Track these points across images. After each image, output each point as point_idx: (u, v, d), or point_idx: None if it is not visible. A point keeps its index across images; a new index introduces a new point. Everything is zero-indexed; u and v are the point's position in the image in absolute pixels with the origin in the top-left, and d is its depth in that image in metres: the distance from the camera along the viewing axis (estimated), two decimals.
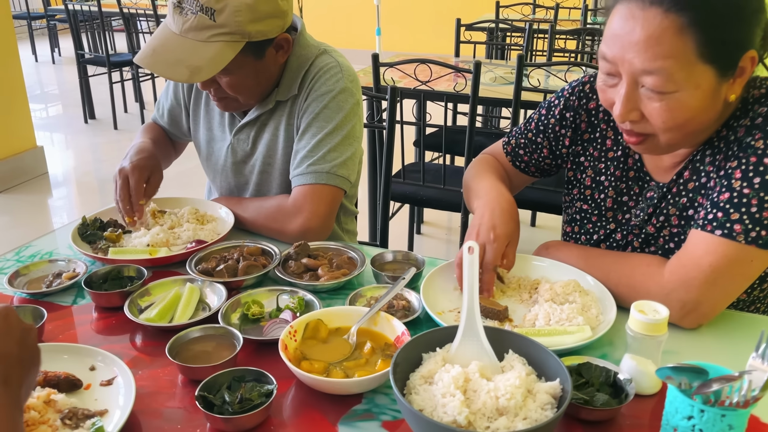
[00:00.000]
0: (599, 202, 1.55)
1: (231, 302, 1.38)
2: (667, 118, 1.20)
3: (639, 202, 1.49)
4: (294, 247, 1.57)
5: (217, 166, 1.94)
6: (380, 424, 1.10)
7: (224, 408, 1.07)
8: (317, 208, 1.68)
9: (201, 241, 1.65)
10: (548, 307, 1.32)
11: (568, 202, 1.66)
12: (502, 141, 1.75)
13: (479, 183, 1.59)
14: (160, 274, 1.55)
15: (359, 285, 1.52)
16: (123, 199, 1.71)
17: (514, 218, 1.47)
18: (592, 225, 1.57)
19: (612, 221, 1.53)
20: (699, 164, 1.37)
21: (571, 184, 1.63)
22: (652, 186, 1.46)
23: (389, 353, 1.20)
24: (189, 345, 1.25)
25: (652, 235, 1.45)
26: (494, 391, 0.98)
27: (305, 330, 1.26)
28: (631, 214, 1.49)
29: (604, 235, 1.54)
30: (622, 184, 1.50)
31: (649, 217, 1.46)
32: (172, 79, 1.59)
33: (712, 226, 1.27)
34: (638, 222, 1.48)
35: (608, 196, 1.53)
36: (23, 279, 1.51)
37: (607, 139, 1.55)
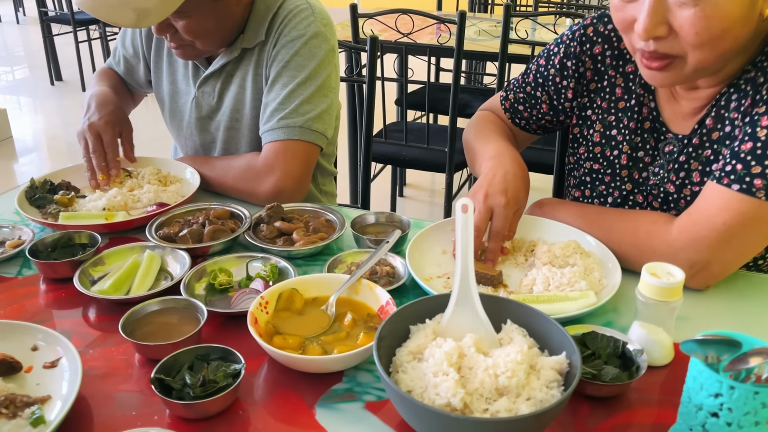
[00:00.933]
0: (612, 159, 1.39)
1: (195, 271, 1.24)
2: (702, 27, 1.04)
3: (656, 157, 1.33)
4: (266, 210, 1.43)
5: (182, 123, 1.77)
6: (363, 406, 0.97)
7: (184, 392, 0.94)
8: (290, 167, 1.53)
9: (163, 204, 1.49)
10: (547, 270, 1.19)
11: (574, 164, 1.50)
12: (500, 96, 1.59)
13: (486, 143, 1.44)
14: (118, 241, 1.40)
15: (338, 250, 1.38)
16: (100, 155, 1.57)
17: (527, 185, 1.32)
18: (605, 186, 1.40)
19: (628, 181, 1.37)
20: (723, 110, 1.20)
21: (577, 142, 1.47)
22: (670, 139, 1.30)
23: (373, 325, 1.07)
24: (147, 320, 1.10)
25: (672, 195, 1.30)
26: (493, 368, 0.86)
27: (278, 301, 1.12)
28: (648, 172, 1.34)
29: (620, 197, 1.39)
30: (637, 138, 1.34)
31: (669, 175, 1.29)
32: (117, 25, 1.41)
33: (730, 179, 1.14)
34: (657, 181, 1.32)
35: (622, 152, 1.37)
36: None
37: (616, 87, 1.38)
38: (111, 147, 1.60)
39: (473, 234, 0.93)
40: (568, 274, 1.17)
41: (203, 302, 1.17)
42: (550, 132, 1.59)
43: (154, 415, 0.95)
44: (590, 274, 1.21)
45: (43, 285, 1.27)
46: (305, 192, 1.59)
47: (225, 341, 1.09)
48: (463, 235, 0.93)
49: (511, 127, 1.59)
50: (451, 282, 1.25)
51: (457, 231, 0.93)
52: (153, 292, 1.18)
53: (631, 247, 1.24)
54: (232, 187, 1.58)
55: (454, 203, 3.42)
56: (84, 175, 1.63)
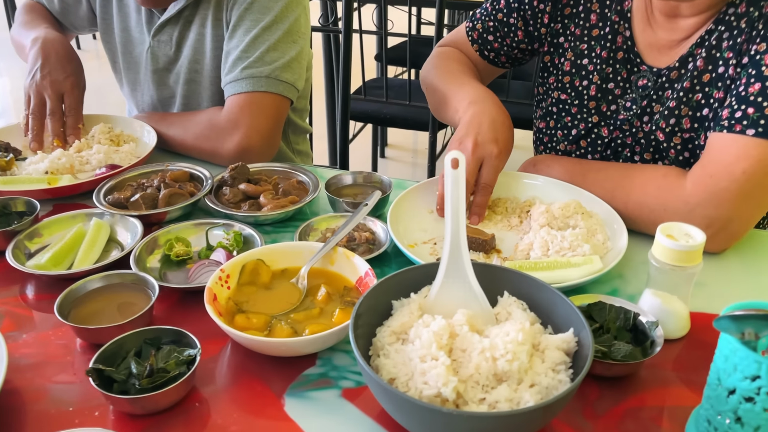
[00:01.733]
0: (581, 90, 1.29)
1: (147, 241, 1.09)
2: None
3: (628, 91, 1.23)
4: (229, 170, 1.27)
5: (137, 77, 1.60)
6: (339, 393, 0.84)
7: (129, 384, 0.80)
8: (257, 122, 1.36)
9: (114, 166, 1.33)
10: (545, 233, 1.06)
11: (543, 94, 1.39)
12: (465, 26, 1.44)
13: (459, 86, 1.29)
14: (62, 208, 1.24)
15: (312, 215, 1.24)
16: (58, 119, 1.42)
17: (513, 135, 1.20)
18: (571, 118, 1.32)
19: (595, 113, 1.27)
20: (715, 50, 1.11)
21: (547, 71, 1.35)
22: (644, 72, 1.21)
23: (350, 300, 0.94)
24: (89, 299, 0.96)
25: (662, 143, 1.19)
26: (490, 351, 0.73)
27: (241, 274, 0.98)
28: (618, 106, 1.25)
29: (585, 130, 1.30)
30: (608, 68, 1.25)
31: (642, 111, 1.21)
32: None
33: (743, 125, 1.02)
34: (628, 116, 1.23)
35: (592, 83, 1.27)
36: None
37: (591, 13, 1.26)
38: (74, 111, 1.43)
39: (465, 192, 0.79)
40: (569, 237, 1.04)
41: (157, 277, 1.03)
42: (518, 64, 1.46)
43: (95, 411, 0.81)
44: (593, 237, 1.08)
45: None
46: (275, 150, 1.43)
47: (181, 322, 0.96)
48: (453, 194, 0.79)
49: (477, 62, 1.46)
50: (438, 249, 1.11)
51: (447, 189, 0.79)
52: (99, 265, 1.04)
53: (638, 206, 1.12)
54: (192, 146, 1.41)
55: (439, 162, 3.27)
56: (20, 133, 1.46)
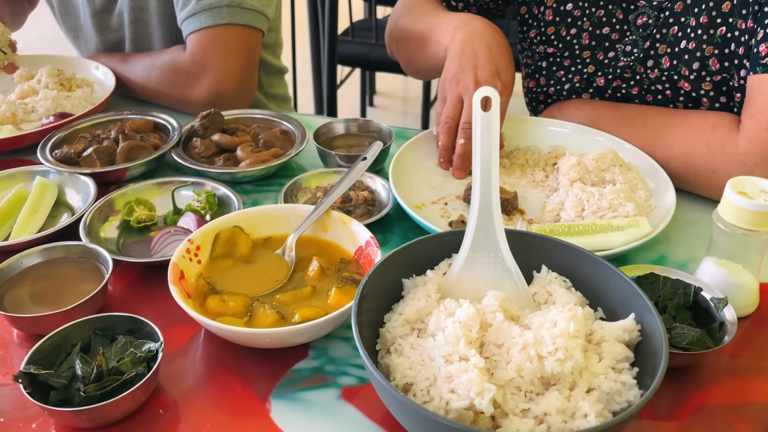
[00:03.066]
0: (569, 40, 1.11)
1: (101, 205, 0.90)
2: None
3: (627, 33, 1.06)
4: (200, 119, 1.08)
5: (77, 22, 1.37)
6: (338, 394, 0.68)
7: (73, 389, 0.63)
8: (226, 62, 1.16)
9: (65, 115, 1.13)
10: (579, 190, 0.89)
11: (527, 50, 1.21)
12: None
13: (435, 18, 1.09)
14: (1, 165, 1.05)
15: (298, 171, 1.06)
16: None
17: (512, 58, 1.02)
18: (564, 71, 1.14)
19: (590, 62, 1.10)
20: None
21: (526, 24, 1.17)
22: (642, 8, 1.04)
23: (348, 276, 0.77)
24: (28, 277, 0.78)
25: (691, 93, 1.01)
26: (534, 347, 0.57)
27: (214, 244, 0.80)
28: (617, 52, 1.08)
29: (579, 82, 1.13)
30: (599, 11, 1.08)
31: (645, 55, 1.04)
32: None
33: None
34: (629, 62, 1.06)
35: (583, 30, 1.09)
36: None
37: None
38: None
39: (498, 140, 0.61)
40: (608, 195, 0.87)
41: (114, 249, 0.85)
42: (492, 16, 1.25)
43: (32, 423, 0.65)
44: (633, 194, 0.91)
45: None
46: (252, 94, 1.23)
47: (141, 305, 0.79)
48: (484, 143, 0.60)
49: None
50: (450, 210, 0.94)
51: (476, 136, 0.61)
52: (42, 235, 0.85)
53: (683, 165, 0.95)
54: (157, 92, 1.21)
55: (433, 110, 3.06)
56: None
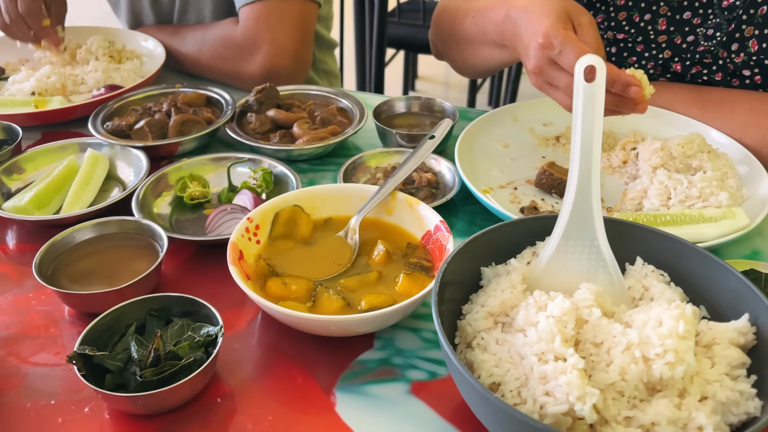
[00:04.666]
0: (643, 26, 1.02)
1: (154, 179, 0.86)
2: None
3: (710, 17, 0.96)
4: (255, 93, 1.03)
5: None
6: (408, 389, 0.63)
7: (128, 374, 0.59)
8: (281, 36, 1.11)
9: (115, 87, 1.09)
10: (664, 177, 0.82)
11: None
12: None
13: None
14: (53, 136, 1.02)
15: (356, 150, 1.00)
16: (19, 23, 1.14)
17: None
18: (637, 57, 1.06)
19: (666, 47, 1.02)
20: None
21: (594, 9, 1.07)
22: None
23: (416, 262, 0.71)
24: (80, 253, 0.74)
25: None
26: (639, 347, 0.50)
27: (274, 224, 0.76)
28: (697, 36, 0.99)
29: (654, 68, 1.05)
30: None
31: (729, 38, 0.95)
32: None
33: None
34: (711, 46, 0.97)
35: (659, 16, 1.00)
36: None
37: None
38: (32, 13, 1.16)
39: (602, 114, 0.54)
40: (698, 183, 0.80)
41: (167, 225, 0.81)
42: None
43: (84, 407, 0.61)
44: (724, 183, 0.84)
45: None
46: (307, 69, 1.18)
47: (195, 285, 0.75)
48: (587, 117, 0.54)
49: None
50: (521, 195, 0.88)
51: (577, 110, 0.54)
52: (93, 209, 0.82)
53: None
54: (208, 66, 1.17)
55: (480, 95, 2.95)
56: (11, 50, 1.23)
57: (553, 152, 0.98)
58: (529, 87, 0.94)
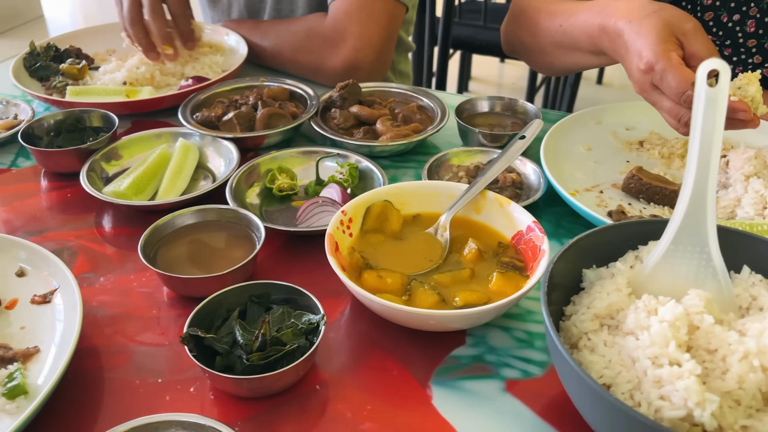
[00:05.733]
0: (731, 27, 0.99)
1: (246, 171, 0.88)
2: None
3: None
4: (338, 89, 1.05)
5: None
6: (503, 386, 0.63)
7: (234, 356, 0.61)
8: (368, 32, 1.12)
9: (201, 78, 1.13)
10: (760, 186, 0.80)
11: None
12: None
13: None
14: (142, 125, 1.06)
15: (434, 149, 1.01)
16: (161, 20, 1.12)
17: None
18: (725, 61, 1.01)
19: (757, 52, 0.99)
20: None
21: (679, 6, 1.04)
22: None
23: (508, 261, 0.72)
24: (179, 238, 0.77)
25: None
26: (758, 356, 0.50)
27: (365, 218, 0.77)
28: None
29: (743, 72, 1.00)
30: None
31: None
32: None
33: None
34: None
35: (748, 17, 0.97)
36: None
37: None
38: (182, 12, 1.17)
39: (723, 120, 0.54)
40: None
41: (258, 214, 0.83)
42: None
43: (190, 386, 0.63)
44: None
45: (43, 181, 0.95)
46: (387, 68, 1.20)
47: (288, 275, 0.76)
48: (707, 123, 0.54)
49: None
50: (607, 199, 0.87)
51: (697, 115, 0.54)
52: (188, 197, 0.84)
53: None
54: (290, 59, 1.19)
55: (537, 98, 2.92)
56: (99, 40, 1.27)
57: (637, 157, 0.97)
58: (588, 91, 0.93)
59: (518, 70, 3.90)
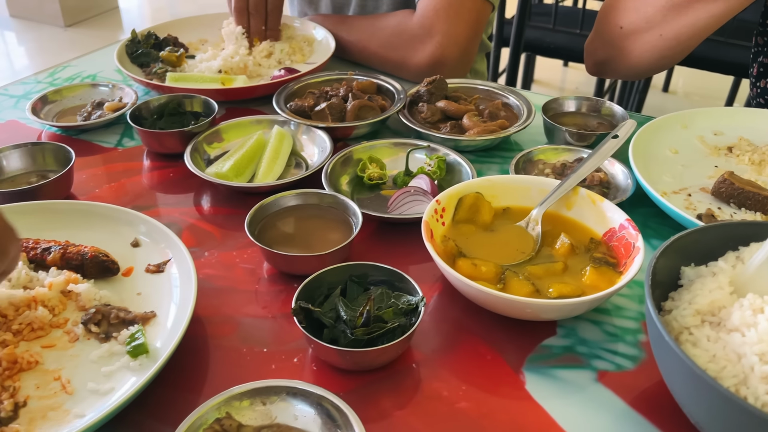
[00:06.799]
0: None
1: (340, 159, 0.92)
2: None
3: None
4: (425, 84, 1.08)
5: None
6: (594, 377, 0.65)
7: (338, 330, 0.64)
8: (455, 30, 1.15)
9: (292, 70, 1.17)
10: None
11: (762, 45, 1.06)
12: None
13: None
14: (234, 112, 1.11)
15: (517, 147, 1.03)
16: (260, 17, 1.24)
17: None
18: None
19: None
20: None
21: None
22: None
23: (601, 257, 0.73)
24: (277, 219, 0.81)
25: None
26: None
27: (457, 208, 0.79)
28: None
29: None
30: None
31: None
32: None
33: None
34: None
35: None
36: (52, 108, 1.09)
37: None
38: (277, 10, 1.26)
39: None
40: None
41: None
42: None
43: (293, 357, 0.67)
44: None
45: (146, 160, 1.00)
46: (470, 66, 1.22)
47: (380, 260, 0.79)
48: None
49: None
50: (695, 202, 0.87)
51: None
52: (285, 181, 0.89)
53: None
54: (375, 54, 1.23)
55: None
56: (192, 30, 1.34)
57: (726, 162, 0.96)
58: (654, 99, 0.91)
59: (581, 75, 3.87)
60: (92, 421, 0.56)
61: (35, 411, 0.60)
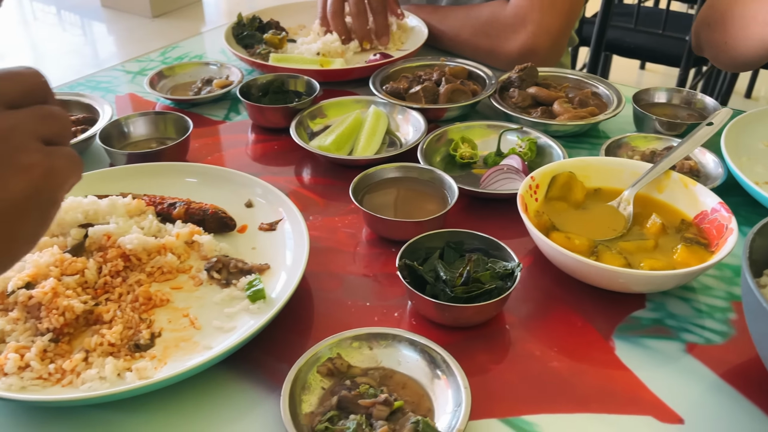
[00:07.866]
0: None
1: (434, 137, 0.97)
2: None
3: None
4: (517, 71, 1.11)
5: None
6: (684, 348, 0.67)
7: (438, 288, 0.69)
8: (548, 20, 1.18)
9: (386, 55, 1.23)
10: None
11: None
12: None
13: None
14: (331, 93, 1.17)
15: (605, 135, 1.05)
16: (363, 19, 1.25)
17: None
18: None
19: None
20: None
21: None
22: None
23: (692, 237, 0.75)
24: (378, 189, 0.87)
25: None
26: None
27: (551, 186, 0.83)
28: None
29: None
30: None
31: None
32: None
33: None
34: None
35: None
36: (167, 83, 1.18)
37: None
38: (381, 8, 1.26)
39: None
40: None
41: None
42: None
43: (393, 312, 0.72)
44: None
45: (251, 134, 1.08)
46: (560, 56, 1.24)
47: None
48: None
49: None
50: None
51: None
52: (382, 156, 0.94)
53: None
54: (467, 42, 1.27)
55: None
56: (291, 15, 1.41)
57: None
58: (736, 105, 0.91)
59: (657, 78, 3.79)
60: (219, 351, 0.63)
61: (169, 341, 0.67)
